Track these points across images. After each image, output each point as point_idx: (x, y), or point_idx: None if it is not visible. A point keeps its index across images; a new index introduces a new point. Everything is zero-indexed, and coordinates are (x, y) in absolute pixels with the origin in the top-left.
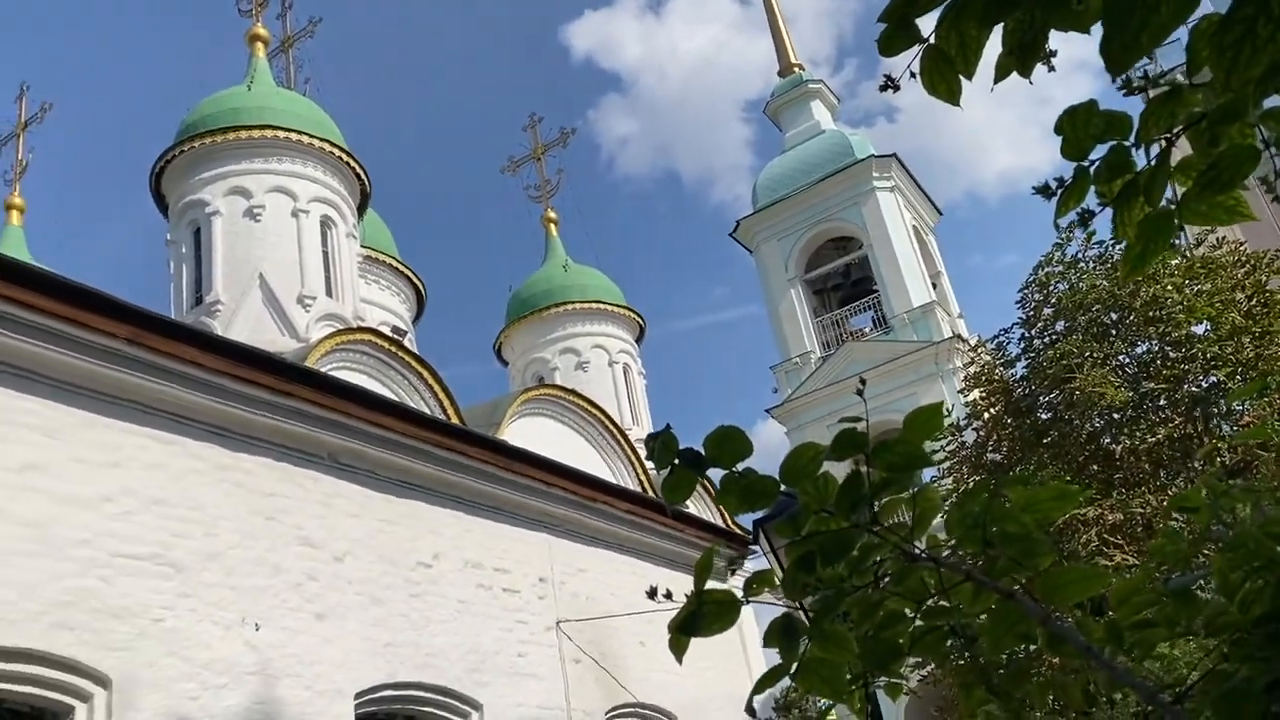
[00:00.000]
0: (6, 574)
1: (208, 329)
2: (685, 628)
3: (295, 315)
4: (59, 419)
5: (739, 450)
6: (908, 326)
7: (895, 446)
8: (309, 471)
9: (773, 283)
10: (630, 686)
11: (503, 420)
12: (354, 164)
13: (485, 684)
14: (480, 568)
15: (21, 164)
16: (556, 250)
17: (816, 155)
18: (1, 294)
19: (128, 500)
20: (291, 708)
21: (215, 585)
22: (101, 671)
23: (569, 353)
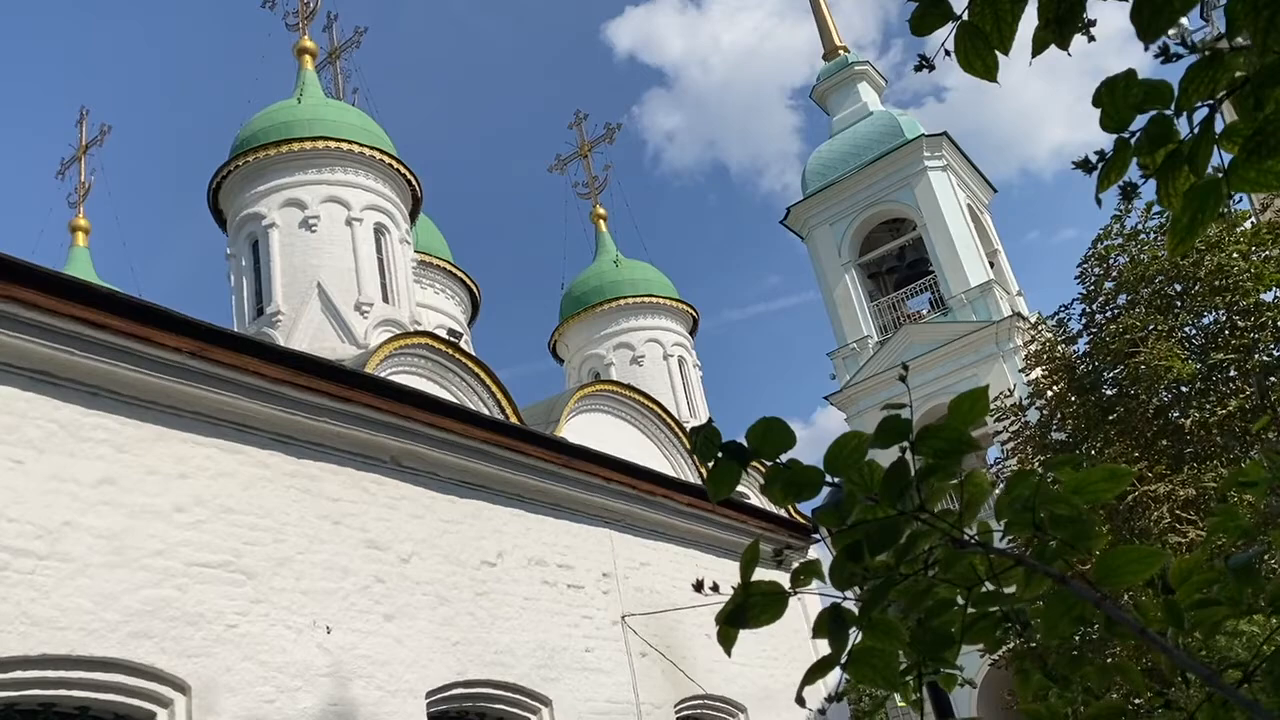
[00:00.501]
0: (86, 585)
1: (269, 339)
2: (733, 619)
3: (353, 322)
4: (129, 433)
5: (782, 441)
6: (966, 307)
7: (941, 432)
8: (372, 475)
9: (826, 268)
10: (697, 678)
11: (560, 418)
12: (404, 170)
13: (554, 680)
14: (544, 564)
15: (85, 186)
16: (607, 246)
17: (865, 137)
18: (71, 314)
19: (199, 510)
20: (365, 708)
21: (286, 590)
22: (180, 678)
23: (623, 348)
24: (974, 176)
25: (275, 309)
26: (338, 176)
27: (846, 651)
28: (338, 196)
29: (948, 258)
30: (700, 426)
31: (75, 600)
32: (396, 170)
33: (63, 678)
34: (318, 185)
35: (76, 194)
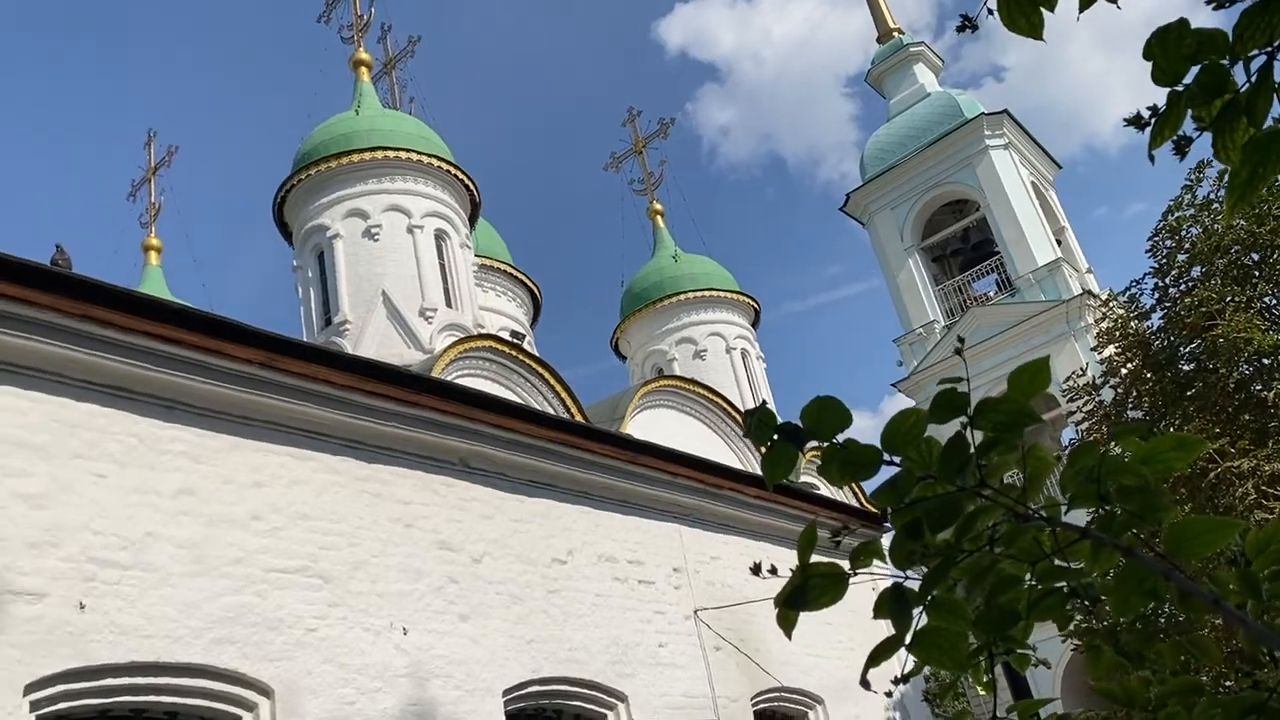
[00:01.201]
0: (169, 594)
1: (337, 348)
2: (791, 602)
3: (418, 328)
4: (205, 444)
5: (837, 421)
6: (1034, 287)
7: (999, 405)
8: (442, 477)
9: (889, 254)
10: (773, 671)
11: (625, 415)
12: (462, 176)
13: (629, 675)
14: (614, 561)
15: (155, 207)
16: (665, 241)
17: (924, 119)
18: (145, 330)
19: (275, 517)
20: (444, 707)
21: (362, 593)
22: (264, 681)
23: (686, 342)
24: (1037, 153)
25: (342, 318)
26: (397, 185)
27: (911, 632)
28: (398, 205)
29: (1013, 237)
30: (754, 409)
31: (160, 609)
32: (454, 176)
33: (151, 684)
34: (379, 195)
35: (147, 214)
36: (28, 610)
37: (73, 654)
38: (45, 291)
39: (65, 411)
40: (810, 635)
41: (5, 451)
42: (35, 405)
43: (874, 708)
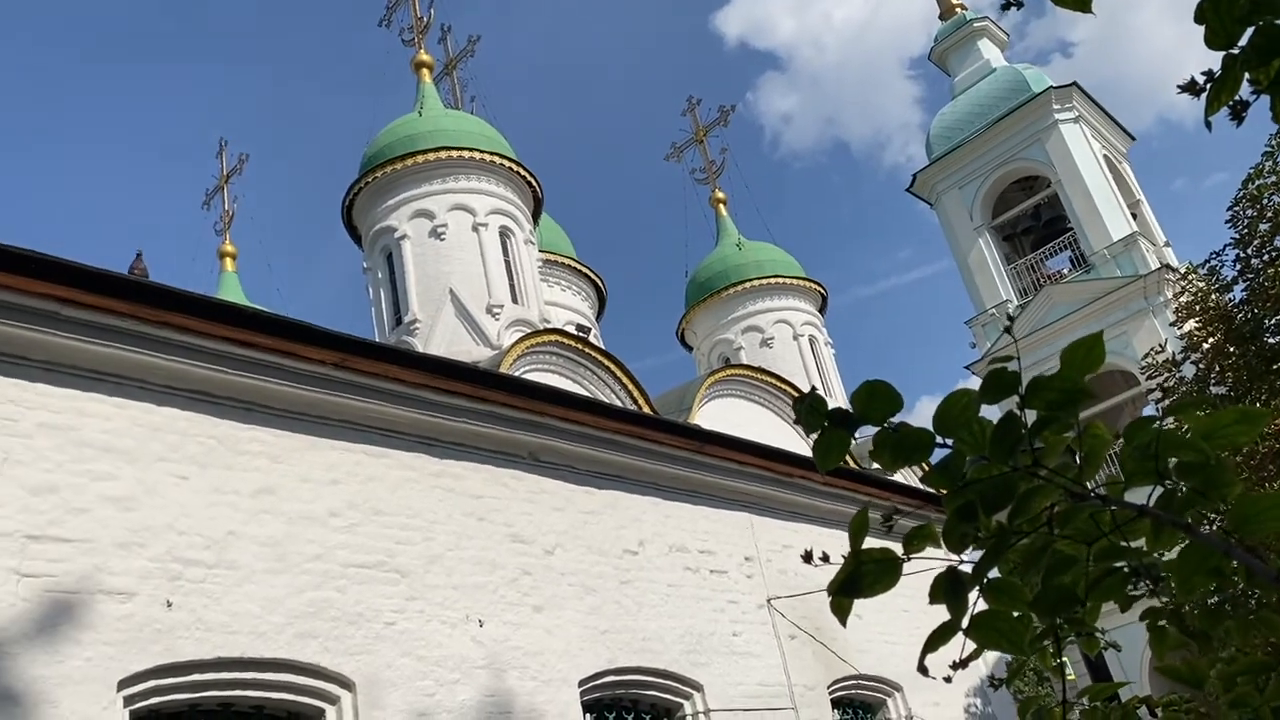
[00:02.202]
0: (252, 591)
1: (408, 347)
2: (845, 589)
3: (486, 324)
4: (283, 444)
5: (889, 405)
6: (1110, 262)
7: (1052, 382)
8: (512, 471)
9: (959, 234)
10: (849, 659)
11: (693, 405)
12: (524, 173)
13: (703, 665)
14: (685, 551)
15: (229, 214)
16: (728, 230)
17: (990, 95)
18: (222, 335)
19: (352, 513)
20: (521, 698)
21: (439, 586)
22: (345, 675)
23: (752, 331)
24: (1109, 125)
25: (412, 317)
26: (461, 184)
27: (968, 616)
28: (463, 204)
29: (1086, 213)
30: (804, 395)
31: (244, 605)
32: (517, 173)
33: (237, 679)
34: (443, 194)
35: (222, 221)
36: (119, 609)
37: (162, 650)
38: (126, 300)
39: (148, 416)
40: (887, 622)
41: (93, 456)
42: (120, 410)
43: (954, 695)
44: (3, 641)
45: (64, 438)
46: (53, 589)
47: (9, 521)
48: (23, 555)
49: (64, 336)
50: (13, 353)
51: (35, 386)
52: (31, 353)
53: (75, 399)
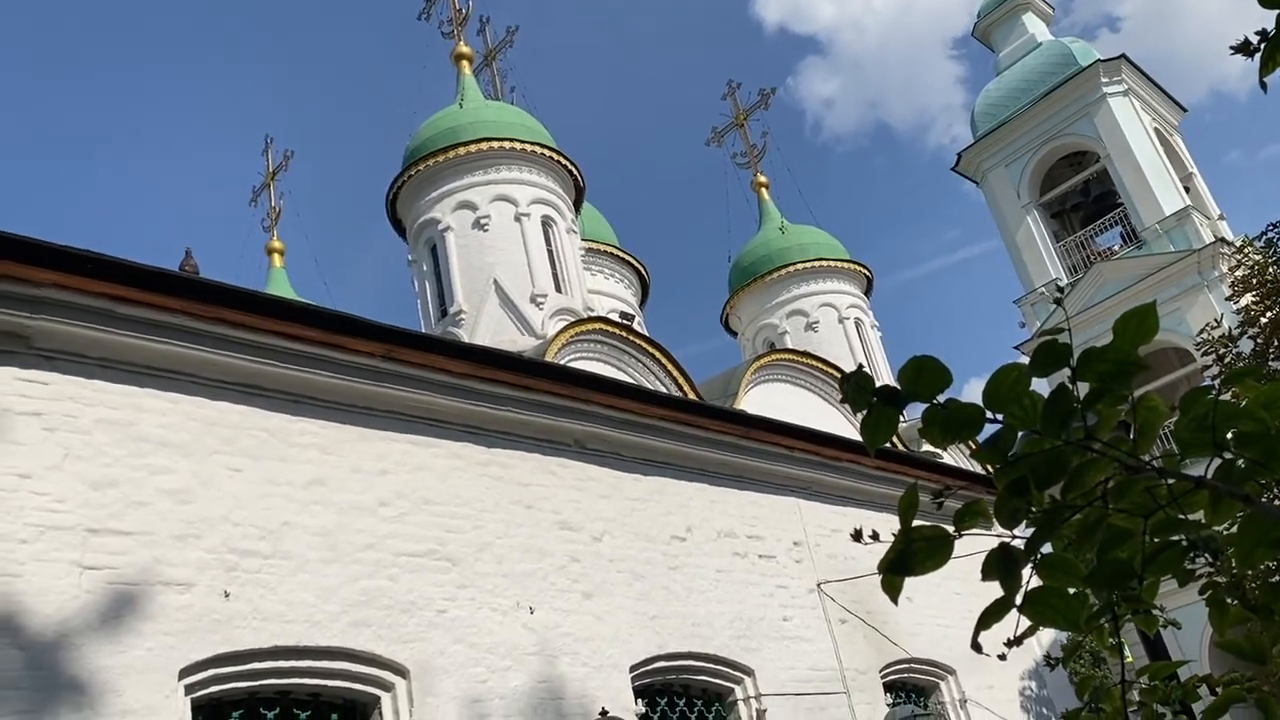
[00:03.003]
0: (307, 580)
1: (453, 337)
2: (896, 567)
3: (530, 314)
4: (333, 435)
5: (938, 381)
6: (1162, 237)
7: (1104, 354)
8: (559, 459)
9: (1006, 212)
10: (901, 642)
11: (738, 390)
12: (566, 162)
13: (754, 650)
14: (733, 536)
15: (276, 211)
16: (771, 214)
17: (1036, 70)
18: (271, 329)
19: (402, 503)
20: (572, 684)
21: (489, 574)
22: (399, 662)
23: (797, 315)
24: (1159, 98)
25: (457, 308)
26: (503, 175)
27: (1021, 593)
28: (505, 194)
29: (1137, 187)
30: (850, 374)
31: (299, 595)
32: (558, 162)
33: (294, 667)
34: (486, 186)
35: (269, 218)
36: (178, 599)
37: (221, 640)
38: (178, 297)
39: (201, 410)
40: (939, 605)
41: (150, 450)
42: (174, 405)
43: (1008, 677)
44: (68, 632)
45: (122, 433)
46: (114, 581)
47: (70, 516)
48: (84, 548)
49: (119, 334)
50: (71, 350)
51: (92, 383)
52: (89, 350)
53: (132, 395)
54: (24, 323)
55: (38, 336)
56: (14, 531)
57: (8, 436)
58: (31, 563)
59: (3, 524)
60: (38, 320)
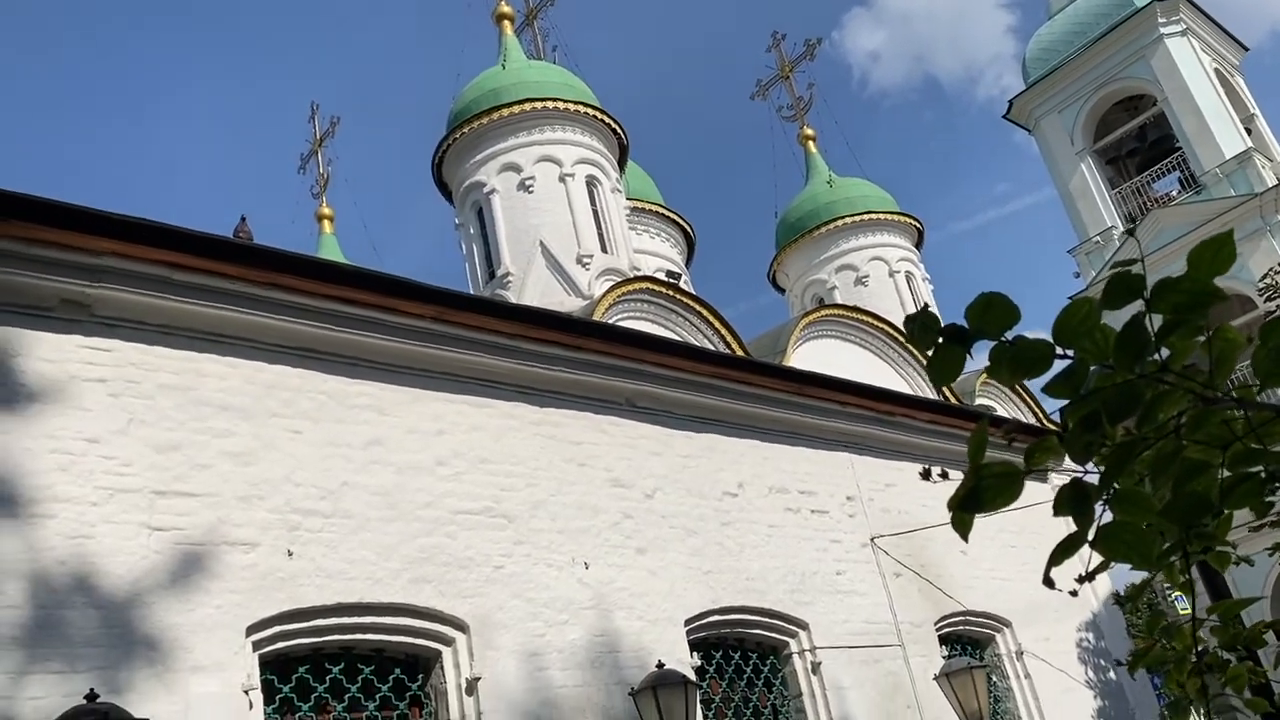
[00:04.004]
0: (368, 539)
1: (502, 299)
2: (966, 504)
3: (577, 275)
4: (389, 397)
5: (1005, 317)
6: (1222, 182)
7: (1179, 284)
8: (610, 418)
9: (1059, 160)
10: (956, 595)
11: (787, 347)
12: (609, 121)
13: (808, 603)
14: (785, 492)
15: (324, 177)
16: (818, 167)
17: (1089, 12)
18: (325, 293)
19: (458, 462)
20: (628, 637)
21: (544, 531)
22: (459, 617)
23: (846, 269)
24: (1219, 37)
25: (504, 270)
26: (547, 135)
27: (1094, 528)
28: (550, 155)
29: (1196, 131)
30: (915, 313)
31: (360, 553)
32: (601, 121)
33: (357, 623)
34: (530, 147)
35: (318, 185)
36: (243, 559)
37: (285, 598)
38: (234, 263)
39: (260, 374)
40: (994, 558)
41: (211, 414)
42: (234, 370)
43: (1065, 629)
44: (139, 592)
45: (184, 397)
46: (181, 541)
47: (137, 479)
48: (152, 510)
49: (178, 300)
50: (131, 318)
51: (154, 349)
52: (149, 317)
53: (192, 360)
54: (85, 291)
55: (99, 305)
56: (85, 495)
57: (75, 403)
58: (102, 525)
59: (74, 487)
60: (98, 288)
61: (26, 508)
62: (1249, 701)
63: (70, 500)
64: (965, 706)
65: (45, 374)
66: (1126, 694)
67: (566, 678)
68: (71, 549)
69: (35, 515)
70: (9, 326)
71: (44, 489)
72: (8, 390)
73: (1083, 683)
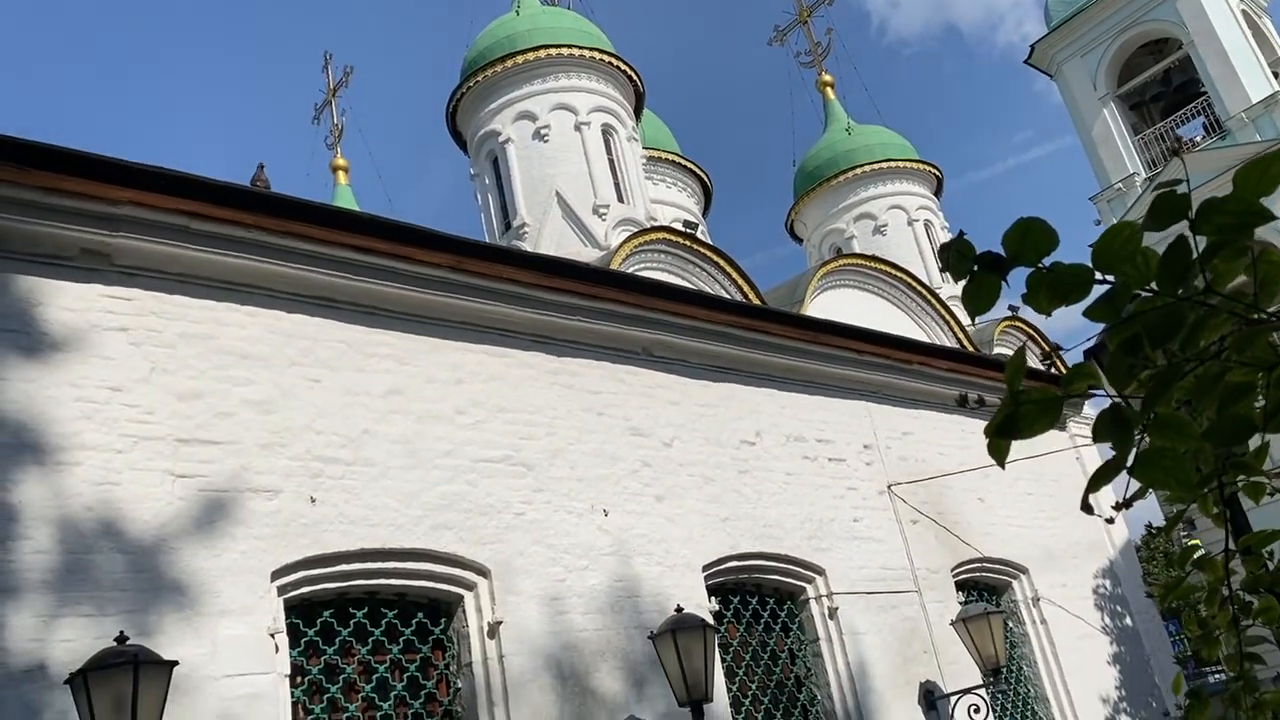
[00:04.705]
0: (389, 486)
1: (518, 248)
2: (1003, 430)
3: (593, 225)
4: (407, 346)
5: (1044, 243)
6: (1248, 126)
7: (1225, 204)
8: (627, 367)
9: (1082, 105)
10: (973, 542)
11: (804, 297)
12: (625, 68)
13: (825, 550)
14: (803, 440)
15: (338, 128)
16: (837, 114)
17: None
18: (341, 242)
19: (477, 411)
20: (647, 582)
21: (563, 478)
22: (480, 563)
23: (864, 218)
24: None
25: (520, 221)
26: (562, 83)
27: (1132, 455)
28: (565, 103)
29: (1222, 74)
30: (951, 241)
31: (382, 500)
32: (617, 68)
33: (380, 568)
34: (545, 95)
35: (332, 135)
36: (266, 505)
37: (309, 543)
38: (251, 212)
39: (279, 323)
40: (1011, 506)
41: (232, 363)
42: (253, 319)
43: (1082, 576)
44: (165, 537)
45: (204, 346)
46: (205, 488)
47: (161, 427)
48: (175, 458)
49: (196, 249)
50: (151, 267)
51: (173, 298)
52: (168, 266)
53: (212, 309)
54: (105, 240)
55: (118, 254)
56: (110, 442)
57: (98, 351)
58: (127, 471)
59: (98, 435)
60: (118, 238)
61: (53, 455)
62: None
63: (95, 448)
64: (981, 651)
65: (67, 323)
66: (1143, 640)
67: (587, 621)
68: (98, 495)
69: (61, 463)
70: (31, 276)
71: (69, 436)
72: (31, 339)
73: (1099, 629)
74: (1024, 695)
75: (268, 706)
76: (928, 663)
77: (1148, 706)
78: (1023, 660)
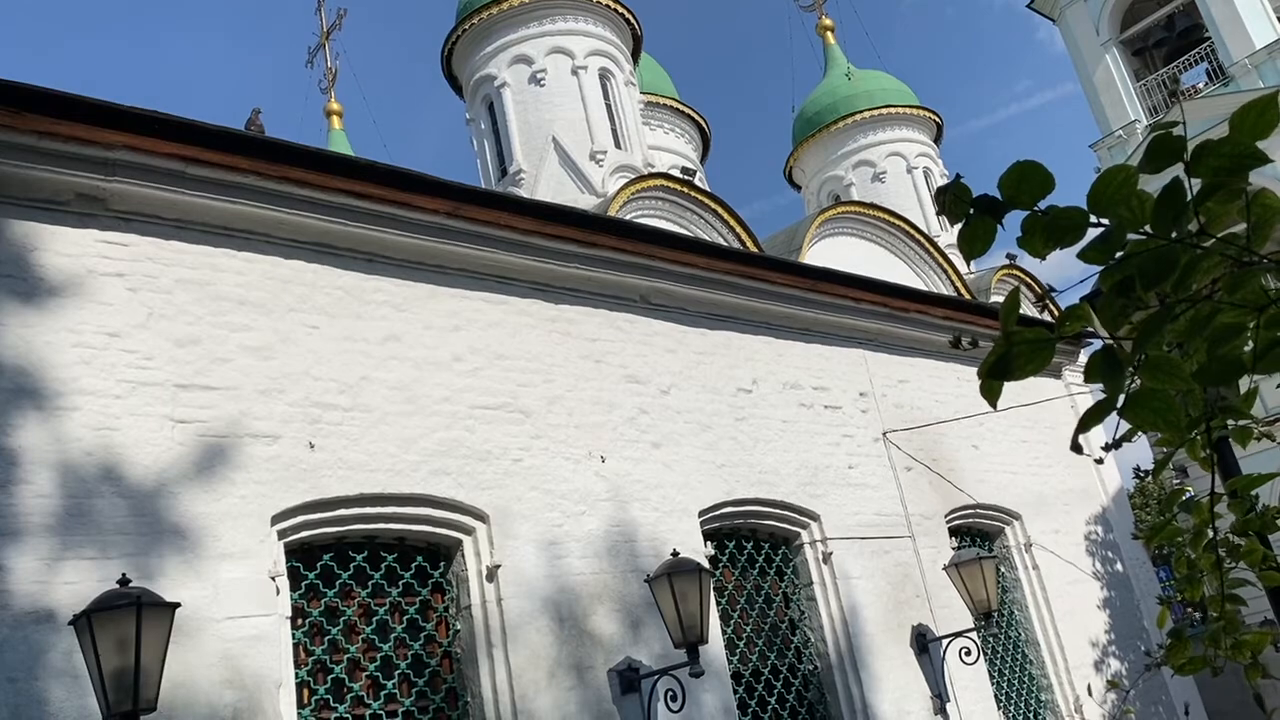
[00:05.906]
0: (387, 431)
1: (515, 195)
2: (996, 371)
3: (590, 172)
4: (405, 293)
5: (1040, 186)
6: (1251, 73)
7: (1220, 147)
8: (625, 314)
9: (1084, 51)
10: (967, 489)
11: (802, 245)
12: (622, 9)
13: (820, 496)
14: (799, 388)
15: (332, 71)
16: (837, 60)
17: None
18: (337, 187)
19: (475, 358)
20: (644, 528)
21: (561, 425)
22: (479, 508)
23: (864, 165)
24: None
25: (517, 167)
26: (558, 26)
27: (1123, 395)
28: (561, 46)
29: (1226, 19)
30: (948, 184)
31: (380, 445)
32: (613, 10)
33: (379, 513)
34: (540, 38)
35: (326, 80)
36: (266, 450)
37: (308, 488)
38: (247, 156)
39: (277, 269)
40: (1005, 453)
41: (230, 309)
42: (250, 265)
43: (1074, 522)
44: (165, 482)
45: (202, 292)
46: (204, 434)
47: (159, 373)
48: (174, 403)
49: (192, 195)
50: (147, 212)
51: (170, 244)
52: (164, 212)
53: (209, 255)
54: (100, 185)
55: (114, 199)
56: (108, 388)
57: (95, 297)
58: (126, 417)
59: (97, 381)
60: (113, 183)
61: (51, 400)
62: (1262, 574)
63: (94, 393)
64: (974, 596)
65: (64, 268)
66: (1133, 585)
67: (584, 565)
68: (97, 440)
69: (60, 408)
70: (27, 221)
71: (68, 382)
72: (28, 285)
73: (1090, 574)
74: (1015, 639)
75: (269, 648)
76: (920, 607)
77: (1135, 649)
78: (1014, 605)
